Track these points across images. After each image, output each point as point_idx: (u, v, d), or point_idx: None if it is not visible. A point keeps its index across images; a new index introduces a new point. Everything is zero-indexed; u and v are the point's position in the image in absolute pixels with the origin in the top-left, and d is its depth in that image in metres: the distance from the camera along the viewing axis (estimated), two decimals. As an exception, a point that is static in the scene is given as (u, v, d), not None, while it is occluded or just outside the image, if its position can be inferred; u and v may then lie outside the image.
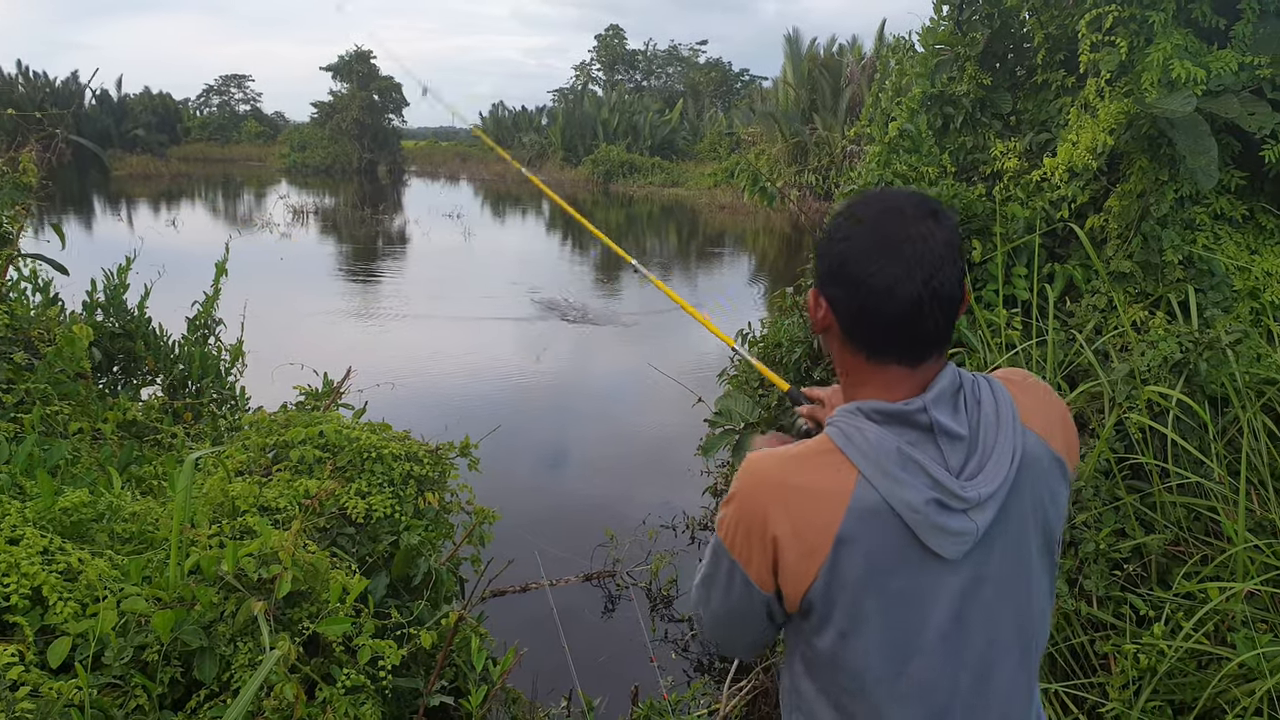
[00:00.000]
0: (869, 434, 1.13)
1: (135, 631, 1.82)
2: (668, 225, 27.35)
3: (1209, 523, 3.12)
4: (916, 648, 1.15)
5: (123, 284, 4.26)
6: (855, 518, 1.11)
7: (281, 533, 1.93)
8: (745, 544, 1.17)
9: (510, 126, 51.74)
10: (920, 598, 1.14)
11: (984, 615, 1.16)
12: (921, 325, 1.14)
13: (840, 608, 1.14)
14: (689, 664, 4.40)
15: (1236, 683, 2.65)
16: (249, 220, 24.60)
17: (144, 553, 2.12)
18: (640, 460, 7.16)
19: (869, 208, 1.18)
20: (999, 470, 1.13)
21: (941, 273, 1.12)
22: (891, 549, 1.12)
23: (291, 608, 2.00)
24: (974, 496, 1.11)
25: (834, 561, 1.12)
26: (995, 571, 1.16)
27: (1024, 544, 1.18)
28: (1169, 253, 3.56)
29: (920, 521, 1.10)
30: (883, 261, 1.12)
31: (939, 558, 1.12)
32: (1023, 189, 3.86)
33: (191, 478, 2.02)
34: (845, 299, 1.16)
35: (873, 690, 1.17)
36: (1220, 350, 3.15)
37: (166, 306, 4.65)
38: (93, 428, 2.94)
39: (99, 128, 45.29)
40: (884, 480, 1.11)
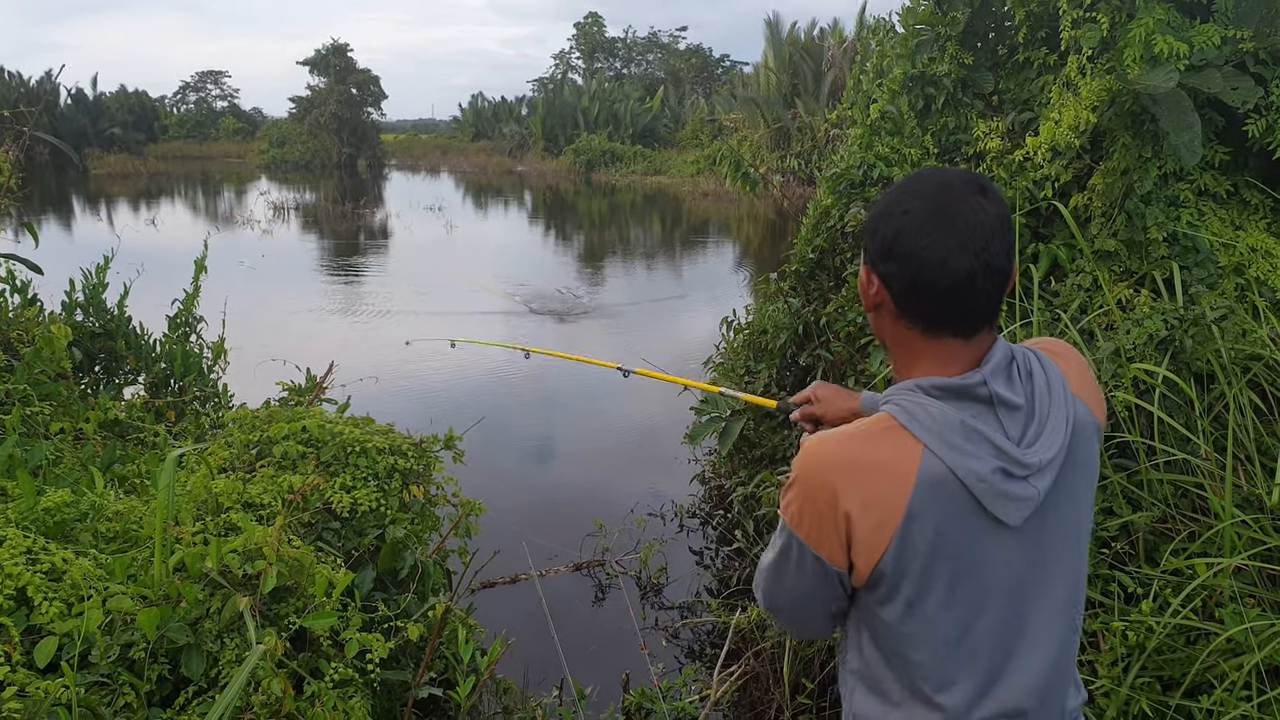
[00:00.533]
0: (931, 409, 1.17)
1: (121, 630, 1.79)
2: (651, 214, 27.29)
3: (1196, 499, 3.13)
4: (980, 612, 1.20)
5: (101, 283, 4.20)
6: (923, 490, 1.15)
7: (265, 528, 1.91)
8: (815, 524, 1.20)
9: (490, 117, 51.53)
10: (985, 563, 1.19)
11: (1042, 577, 1.22)
12: (974, 297, 1.17)
13: (910, 578, 1.18)
14: (680, 650, 4.40)
15: (1225, 657, 2.66)
16: (230, 218, 24.42)
17: (128, 551, 2.09)
18: (627, 449, 7.15)
19: (921, 184, 1.20)
20: (1055, 437, 1.18)
21: (992, 245, 1.15)
22: (958, 518, 1.16)
23: (278, 603, 1.97)
24: (1035, 462, 1.16)
25: (904, 533, 1.15)
26: (1051, 535, 1.21)
27: (1076, 507, 1.24)
28: (1153, 230, 3.56)
29: (986, 490, 1.14)
30: (935, 235, 1.15)
31: (1001, 524, 1.17)
32: (1006, 169, 3.85)
33: (174, 475, 1.99)
34: (899, 274, 1.19)
35: (938, 654, 1.21)
36: (1205, 327, 3.15)
37: (148, 305, 4.60)
38: (74, 428, 2.90)
39: (75, 127, 44.83)
40: (949, 452, 1.15)
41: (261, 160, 43.55)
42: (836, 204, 4.43)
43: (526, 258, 17.12)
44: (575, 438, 7.44)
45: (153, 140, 49.37)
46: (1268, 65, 3.42)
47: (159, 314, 4.58)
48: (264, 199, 28.14)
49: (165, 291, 4.69)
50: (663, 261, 17.55)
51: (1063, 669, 1.27)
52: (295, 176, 38.92)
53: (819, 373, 4.58)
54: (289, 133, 44.54)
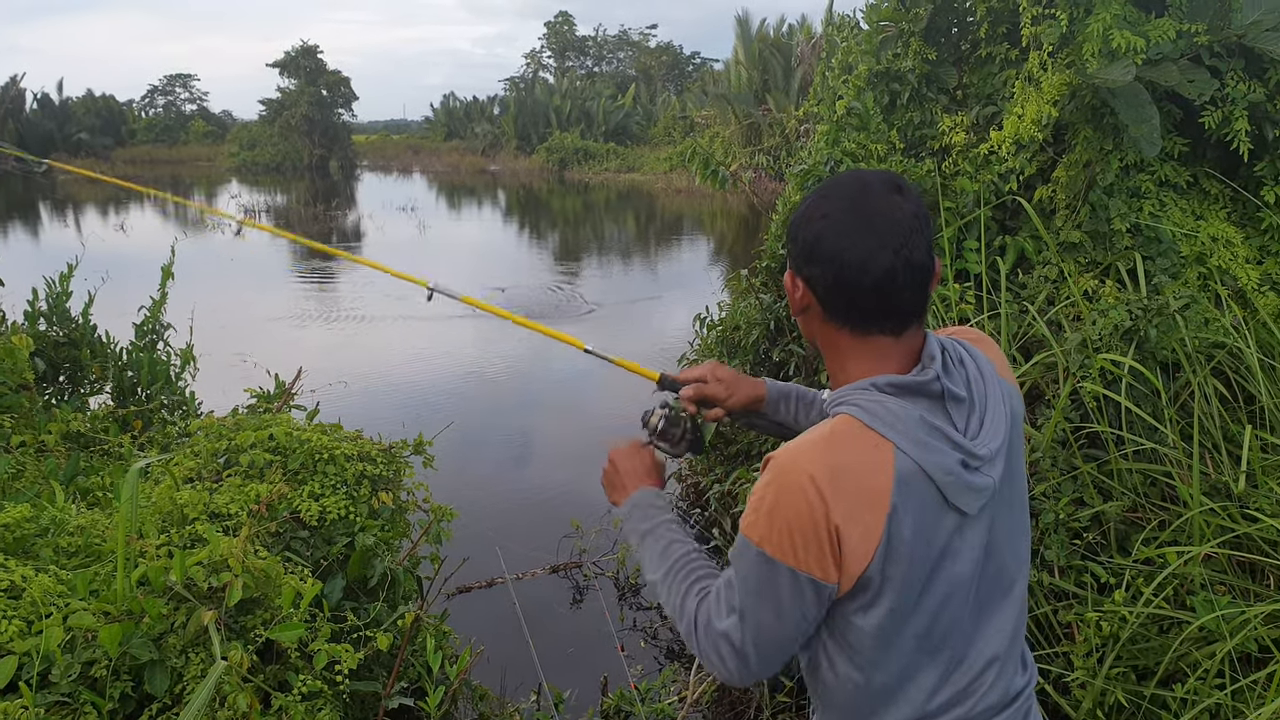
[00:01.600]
0: (891, 406, 1.17)
1: (83, 647, 1.76)
2: (625, 211, 27.26)
3: (1165, 488, 3.16)
4: (947, 602, 1.21)
5: (65, 292, 4.14)
6: (901, 488, 1.14)
7: (231, 539, 1.88)
8: (804, 545, 1.15)
9: (463, 117, 51.27)
10: (950, 555, 1.20)
11: (994, 562, 1.24)
12: (899, 294, 1.18)
13: (893, 580, 1.17)
14: (658, 651, 4.39)
15: (1197, 645, 2.69)
16: (200, 222, 24.12)
17: (91, 566, 2.05)
18: (603, 449, 7.13)
19: (838, 187, 1.22)
20: (999, 425, 1.21)
21: (912, 242, 1.17)
22: (930, 514, 1.17)
23: (245, 615, 1.95)
24: (986, 453, 1.18)
25: (889, 535, 1.14)
26: (1000, 520, 1.24)
27: (1017, 489, 1.28)
28: (1116, 221, 3.60)
29: (952, 484, 1.16)
30: (855, 236, 1.17)
31: (962, 514, 1.18)
32: (971, 163, 3.88)
33: (136, 487, 1.96)
34: (822, 275, 1.20)
35: (907, 649, 1.22)
36: (1169, 316, 3.19)
37: (116, 313, 4.53)
38: (37, 440, 2.85)
39: (41, 132, 44.15)
40: (917, 449, 1.15)
41: (232, 163, 43.06)
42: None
43: (502, 258, 17.05)
44: (550, 439, 7.42)
45: (120, 145, 48.71)
46: (1222, 58, 3.47)
47: (126, 321, 4.51)
48: (235, 202, 27.85)
49: (134, 298, 4.61)
50: (638, 259, 17.54)
51: (1013, 652, 1.29)
52: (266, 179, 38.54)
53: (791, 368, 4.60)
54: (259, 135, 44.08)
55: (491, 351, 9.81)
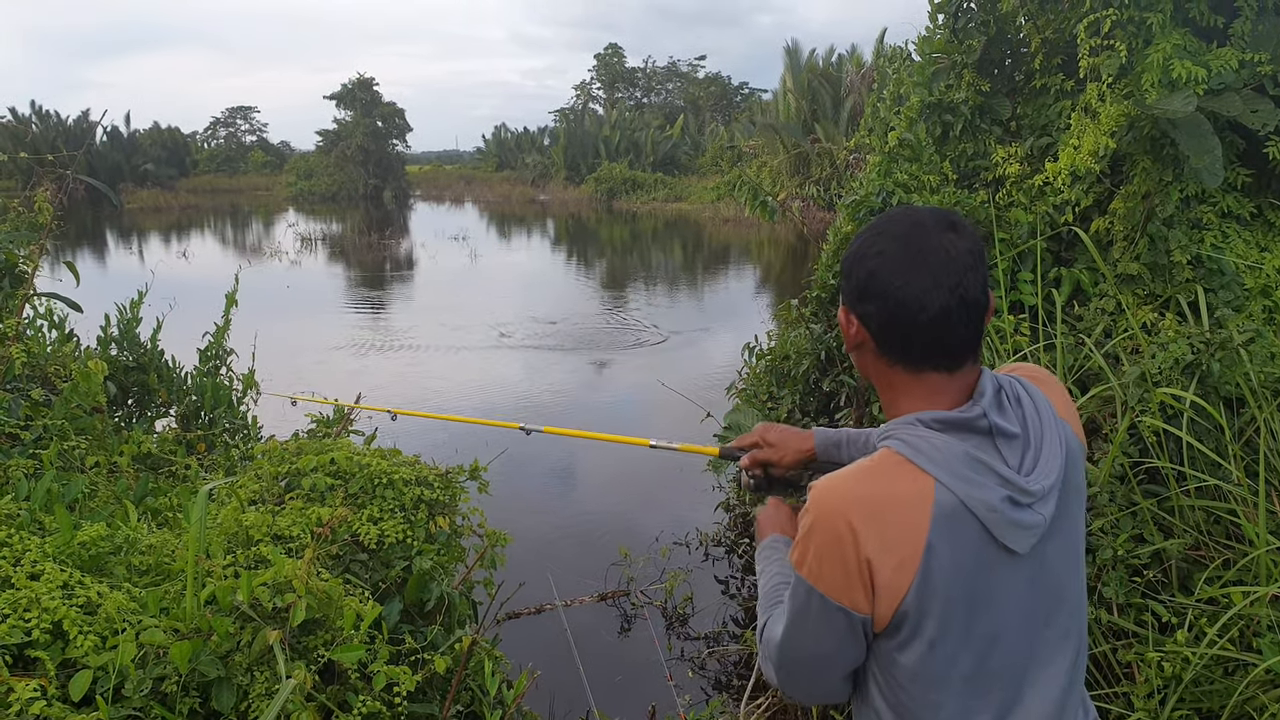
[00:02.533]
0: (935, 441, 1.16)
1: (154, 663, 1.82)
2: (672, 241, 27.40)
3: (1229, 526, 3.08)
4: (994, 643, 1.19)
5: (135, 318, 4.29)
6: (940, 523, 1.14)
7: (295, 561, 1.94)
8: (836, 572, 1.17)
9: (513, 148, 52.08)
10: (998, 594, 1.18)
11: (1048, 603, 1.22)
12: (953, 332, 1.18)
13: (931, 615, 1.16)
14: (706, 682, 4.37)
15: (1264, 689, 2.61)
16: (258, 249, 24.81)
17: (161, 584, 2.12)
18: (651, 478, 7.14)
19: (892, 225, 1.22)
20: (1053, 462, 1.19)
21: (967, 280, 1.17)
22: (972, 550, 1.15)
23: (307, 636, 2.00)
24: (1038, 490, 1.16)
25: (925, 570, 1.14)
26: (1054, 560, 1.22)
27: (1073, 530, 1.25)
28: (1177, 253, 3.55)
29: (997, 520, 1.14)
30: (910, 274, 1.17)
31: (1010, 553, 1.17)
32: (1025, 194, 3.86)
33: (205, 509, 2.03)
34: (877, 313, 1.21)
35: (955, 691, 1.20)
36: (1233, 350, 3.13)
37: (179, 338, 4.68)
38: (109, 461, 2.96)
39: (110, 163, 45.82)
40: (960, 484, 1.14)
41: (289, 192, 44.24)
42: (856, 230, 4.45)
43: (551, 286, 17.22)
44: (599, 466, 7.45)
45: (184, 175, 50.33)
46: (1288, 88, 3.42)
47: (190, 346, 4.66)
48: (292, 230, 28.57)
49: (197, 324, 4.77)
50: (684, 288, 17.59)
51: (1073, 691, 1.26)
52: (322, 208, 39.49)
53: (842, 399, 4.58)
54: (316, 165, 45.25)
55: (540, 381, 9.91)
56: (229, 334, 4.55)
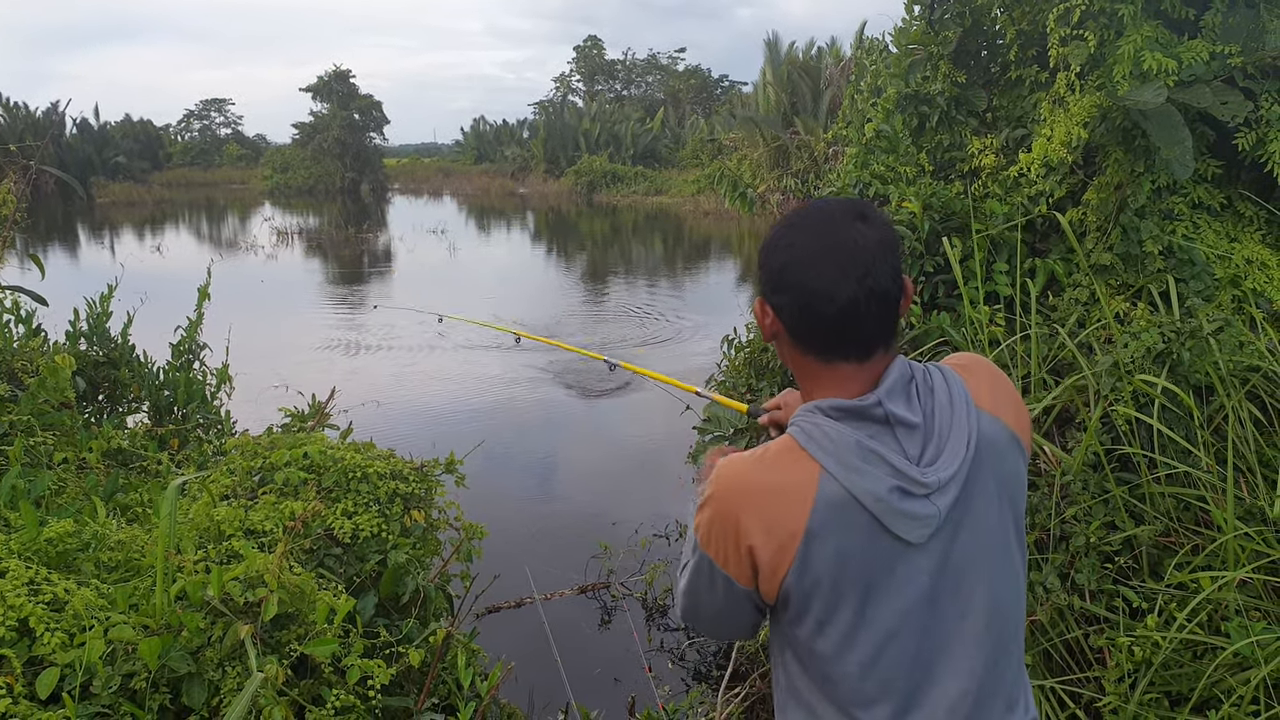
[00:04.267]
0: (828, 430, 1.19)
1: (123, 660, 1.80)
2: (652, 234, 27.39)
3: (1199, 512, 3.13)
4: (894, 633, 1.20)
5: (105, 312, 4.23)
6: (821, 511, 1.16)
7: (267, 556, 1.92)
8: (721, 547, 1.23)
9: (492, 140, 51.86)
10: (893, 583, 1.19)
11: (954, 595, 1.21)
12: (862, 323, 1.20)
13: (816, 598, 1.19)
14: (685, 672, 4.38)
15: (1232, 672, 2.65)
16: (234, 244, 24.57)
17: (130, 581, 2.10)
18: (630, 471, 7.15)
19: (804, 218, 1.25)
20: (956, 454, 1.18)
21: (875, 271, 1.18)
22: (862, 539, 1.17)
23: (280, 630, 1.98)
24: (934, 481, 1.16)
25: (804, 555, 1.17)
26: (962, 551, 1.21)
27: (989, 522, 1.23)
28: (1148, 243, 3.58)
29: (884, 509, 1.15)
30: (820, 266, 1.19)
31: (906, 543, 1.17)
32: (1000, 185, 3.88)
33: (175, 504, 2.00)
34: (789, 304, 1.22)
35: (854, 674, 1.21)
36: (1203, 339, 3.16)
37: (152, 333, 4.62)
38: (78, 457, 2.92)
39: (81, 156, 45.16)
40: (846, 473, 1.16)
41: (265, 186, 43.76)
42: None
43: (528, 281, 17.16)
44: (578, 460, 7.45)
45: (157, 168, 49.70)
46: (1256, 79, 3.45)
47: (163, 341, 4.60)
48: (268, 224, 28.30)
49: (170, 319, 4.71)
50: (664, 281, 17.59)
51: (990, 690, 1.24)
52: (299, 202, 39.14)
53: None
54: (292, 158, 44.81)
55: (521, 376, 9.87)
56: (201, 328, 4.50)
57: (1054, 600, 3.02)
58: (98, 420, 3.97)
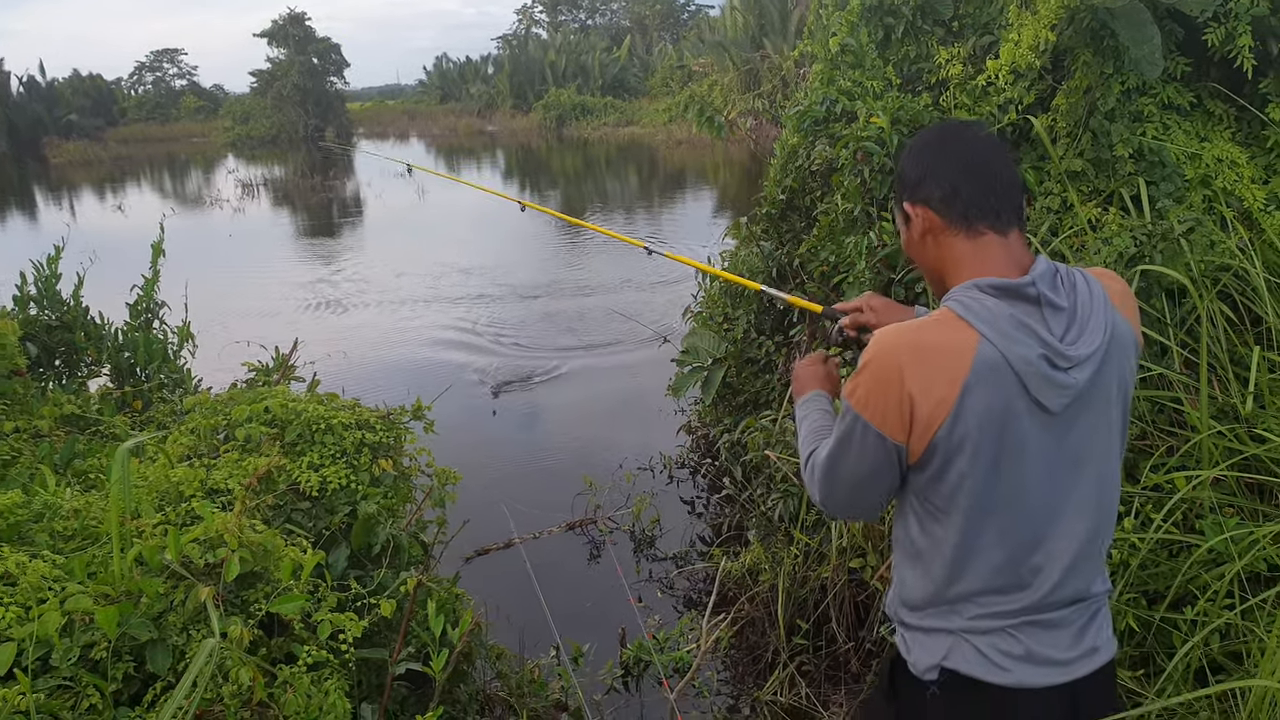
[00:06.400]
0: (986, 303, 1.32)
1: (82, 630, 1.75)
2: (626, 167, 27.01)
3: (1173, 414, 3.12)
4: (1024, 484, 1.35)
5: (54, 274, 4.09)
6: (978, 371, 1.29)
7: (226, 515, 1.87)
8: (881, 403, 1.34)
9: (457, 78, 50.70)
10: (1026, 444, 1.33)
11: (1075, 466, 1.37)
12: (1001, 190, 1.39)
13: (961, 450, 1.32)
14: (676, 600, 4.42)
15: (1206, 568, 2.67)
16: (199, 199, 24.05)
17: (90, 549, 2.05)
18: (612, 407, 7.12)
19: (927, 134, 1.49)
20: (1095, 337, 1.32)
21: (1001, 154, 1.42)
22: (1007, 398, 1.30)
23: (247, 589, 1.94)
24: (1075, 355, 1.31)
25: (960, 407, 1.30)
26: (1087, 428, 1.36)
27: (1109, 404, 1.38)
28: (1119, 147, 3.50)
29: (1032, 374, 1.29)
30: (958, 152, 1.41)
31: (1044, 410, 1.31)
32: (969, 95, 3.78)
33: (126, 467, 1.94)
34: (938, 187, 1.40)
35: (977, 523, 1.36)
36: (1174, 240, 3.12)
37: (116, 294, 4.46)
38: (31, 426, 2.84)
39: (30, 116, 43.80)
40: (1002, 339, 1.29)
41: (226, 138, 42.63)
42: (802, 142, 4.34)
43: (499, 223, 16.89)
44: (560, 400, 7.40)
45: (112, 125, 48.22)
46: (1226, -31, 3.34)
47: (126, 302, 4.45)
48: (232, 177, 27.69)
49: (133, 278, 4.54)
50: (641, 215, 17.39)
51: (1091, 554, 1.41)
52: (263, 152, 38.26)
53: (795, 315, 4.54)
54: (252, 108, 43.59)
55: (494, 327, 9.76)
56: (159, 286, 4.37)
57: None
58: (56, 386, 3.88)
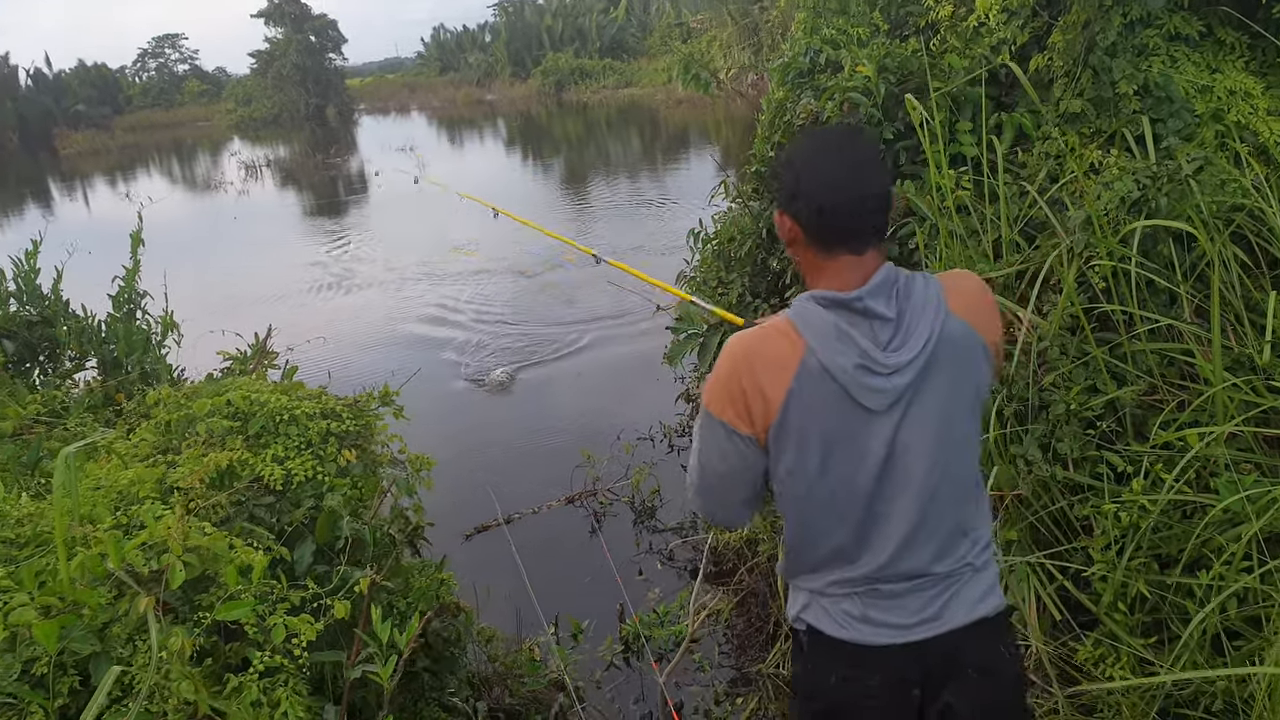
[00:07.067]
0: (816, 314, 1.48)
1: (25, 644, 1.67)
2: (627, 129, 26.68)
3: (1184, 366, 2.97)
4: (852, 476, 1.52)
5: (33, 269, 4.00)
6: (801, 376, 1.47)
7: (170, 519, 1.77)
8: (727, 402, 1.53)
9: (454, 49, 50.21)
10: (853, 440, 1.50)
11: (904, 457, 1.51)
12: (863, 219, 1.49)
13: (790, 447, 1.51)
14: (676, 572, 4.34)
15: (1221, 529, 2.53)
16: (207, 183, 23.99)
17: (45, 557, 1.96)
18: (607, 378, 7.00)
19: (809, 141, 1.58)
20: (916, 345, 1.46)
21: (871, 176, 1.49)
22: (831, 402, 1.48)
23: (201, 594, 1.86)
24: (894, 362, 1.46)
25: (786, 408, 1.48)
26: (916, 420, 1.49)
27: (940, 403, 1.51)
28: (1122, 84, 3.32)
29: (850, 380, 1.46)
30: (828, 174, 1.49)
31: (868, 411, 1.48)
32: (959, 38, 3.59)
33: (72, 471, 1.85)
34: (806, 209, 1.50)
35: (820, 508, 1.55)
36: (1182, 181, 2.95)
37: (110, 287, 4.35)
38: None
39: (40, 108, 43.85)
40: (824, 349, 1.46)
41: (230, 120, 42.48)
42: (789, 96, 4.17)
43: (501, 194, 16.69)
44: (556, 374, 7.29)
45: (118, 113, 48.18)
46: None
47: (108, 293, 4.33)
48: (235, 159, 27.58)
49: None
50: (645, 177, 17.14)
51: (926, 537, 1.55)
52: (266, 133, 38.11)
53: (789, 276, 4.40)
54: (253, 89, 43.37)
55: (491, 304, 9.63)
56: (139, 276, 4.26)
57: (1036, 472, 2.90)
58: (41, 384, 3.80)
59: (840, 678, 1.63)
